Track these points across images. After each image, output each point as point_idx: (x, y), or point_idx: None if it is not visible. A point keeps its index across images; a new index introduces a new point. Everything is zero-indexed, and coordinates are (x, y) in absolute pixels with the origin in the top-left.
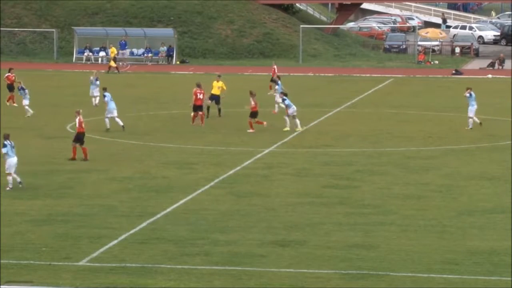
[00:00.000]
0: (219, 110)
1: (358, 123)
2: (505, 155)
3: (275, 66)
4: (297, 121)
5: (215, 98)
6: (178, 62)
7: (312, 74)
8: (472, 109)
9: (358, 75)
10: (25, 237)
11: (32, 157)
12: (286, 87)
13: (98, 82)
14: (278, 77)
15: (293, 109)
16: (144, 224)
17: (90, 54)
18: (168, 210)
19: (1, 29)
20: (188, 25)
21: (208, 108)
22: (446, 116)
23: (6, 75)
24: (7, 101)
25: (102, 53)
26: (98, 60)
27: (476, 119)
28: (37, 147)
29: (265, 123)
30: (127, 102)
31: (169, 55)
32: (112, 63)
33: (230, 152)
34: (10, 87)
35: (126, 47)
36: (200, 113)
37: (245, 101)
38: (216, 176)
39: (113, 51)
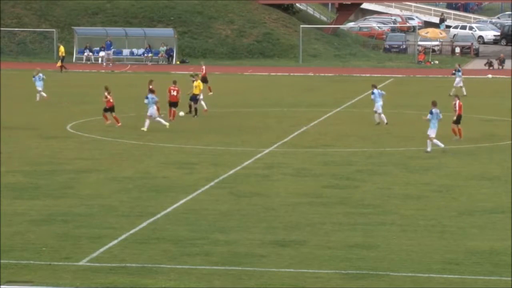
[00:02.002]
0: (196, 109)
1: (358, 123)
2: (505, 155)
3: (204, 66)
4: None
5: (194, 98)
6: (178, 62)
7: (312, 74)
8: (378, 106)
9: (358, 75)
10: (25, 237)
11: (32, 157)
12: (286, 87)
13: (41, 82)
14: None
15: (152, 111)
16: (144, 224)
17: (90, 54)
18: (168, 210)
19: (1, 29)
20: (188, 25)
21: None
22: (446, 116)
23: None
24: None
25: (102, 53)
26: (98, 60)
27: (384, 117)
28: (37, 147)
29: (111, 121)
30: (127, 102)
31: (169, 55)
32: (59, 63)
33: (230, 152)
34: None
35: (112, 47)
36: (173, 109)
37: (244, 101)
38: (216, 176)
39: (61, 50)
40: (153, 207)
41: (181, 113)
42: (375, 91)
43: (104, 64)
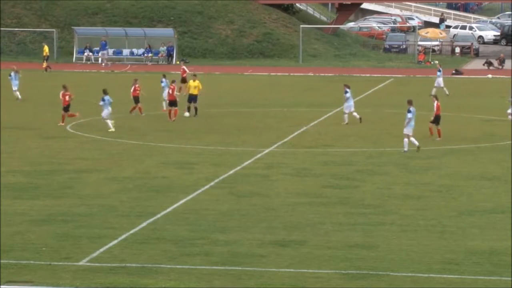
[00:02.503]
0: (196, 109)
1: (358, 123)
2: (505, 155)
3: (184, 66)
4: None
5: (193, 98)
6: (178, 62)
7: (312, 74)
8: (348, 106)
9: (358, 75)
10: (25, 237)
11: (32, 157)
12: (286, 87)
13: (17, 81)
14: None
15: (106, 112)
16: (144, 224)
17: (90, 54)
18: (168, 210)
19: (1, 29)
20: (188, 25)
21: (188, 107)
22: (446, 116)
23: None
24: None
25: (105, 53)
26: (98, 60)
27: (357, 115)
28: (37, 147)
29: (77, 114)
30: (127, 102)
31: (169, 55)
32: (44, 63)
33: (230, 152)
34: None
35: (107, 47)
36: (175, 108)
37: (244, 101)
38: (216, 176)
39: (45, 50)
40: (153, 207)
41: (186, 114)
42: (349, 90)
43: (103, 64)
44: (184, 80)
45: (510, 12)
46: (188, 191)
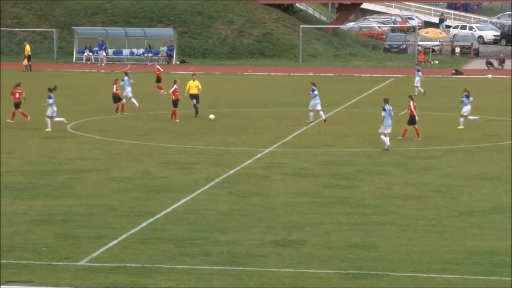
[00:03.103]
0: (197, 108)
1: (358, 123)
2: (505, 155)
3: (158, 66)
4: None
5: (195, 98)
6: (178, 62)
7: (312, 74)
8: (313, 104)
9: (358, 75)
10: (25, 237)
11: (32, 157)
12: (286, 87)
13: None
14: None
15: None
16: (144, 224)
17: (90, 54)
18: (168, 210)
19: (1, 29)
20: (188, 25)
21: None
22: (446, 116)
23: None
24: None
25: (102, 53)
26: (98, 60)
27: (323, 114)
28: (37, 147)
29: (29, 118)
30: (127, 102)
31: (169, 55)
32: (25, 61)
33: (230, 152)
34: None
35: (104, 47)
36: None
37: (244, 101)
38: (216, 176)
39: (27, 49)
40: (153, 207)
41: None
42: (315, 88)
43: (103, 64)
44: (159, 80)
45: (510, 12)
46: (188, 191)
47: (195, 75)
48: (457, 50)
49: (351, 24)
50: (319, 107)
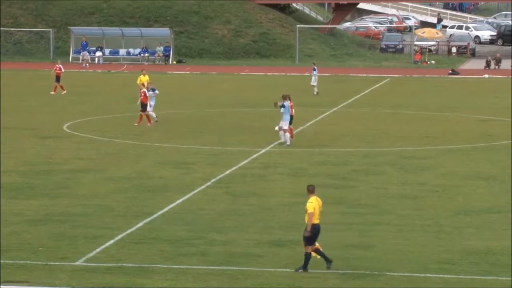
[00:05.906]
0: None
1: (354, 123)
2: (501, 155)
3: (60, 65)
4: None
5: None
6: (174, 62)
7: (308, 74)
8: (285, 122)
9: (354, 75)
10: (21, 237)
11: (29, 157)
12: (283, 87)
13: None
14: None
15: None
16: (140, 224)
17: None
18: (165, 210)
19: None
20: (185, 25)
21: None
22: (443, 116)
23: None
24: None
25: (98, 53)
26: (94, 60)
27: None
28: (34, 147)
29: None
30: (124, 102)
31: (165, 55)
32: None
33: (227, 152)
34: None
35: (87, 47)
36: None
37: (241, 101)
38: (212, 176)
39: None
40: (149, 207)
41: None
42: (286, 104)
43: (87, 65)
44: (58, 79)
45: (506, 12)
46: (185, 191)
47: (144, 70)
48: (454, 50)
49: (347, 24)
50: (286, 127)
